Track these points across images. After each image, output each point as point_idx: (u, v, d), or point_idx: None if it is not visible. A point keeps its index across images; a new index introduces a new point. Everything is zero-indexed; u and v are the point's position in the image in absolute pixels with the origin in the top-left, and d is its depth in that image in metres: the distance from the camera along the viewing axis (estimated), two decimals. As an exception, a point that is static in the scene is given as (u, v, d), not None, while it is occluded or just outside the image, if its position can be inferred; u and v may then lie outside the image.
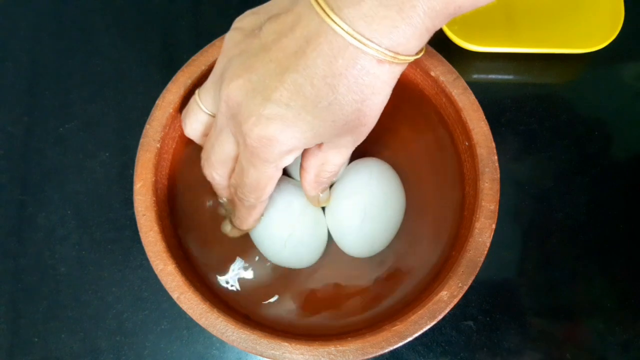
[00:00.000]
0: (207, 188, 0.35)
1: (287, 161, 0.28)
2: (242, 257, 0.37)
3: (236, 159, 0.31)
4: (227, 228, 0.35)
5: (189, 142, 0.39)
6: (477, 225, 0.32)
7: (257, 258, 0.37)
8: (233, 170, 0.31)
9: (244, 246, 0.37)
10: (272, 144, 0.26)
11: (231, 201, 0.34)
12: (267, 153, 0.27)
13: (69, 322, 0.39)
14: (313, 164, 0.31)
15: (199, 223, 0.37)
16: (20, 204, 0.41)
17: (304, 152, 0.31)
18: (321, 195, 0.34)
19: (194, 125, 0.33)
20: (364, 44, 0.24)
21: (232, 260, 0.37)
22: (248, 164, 0.29)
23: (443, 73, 0.35)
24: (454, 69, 0.35)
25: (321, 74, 0.25)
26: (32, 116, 0.44)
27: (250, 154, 0.28)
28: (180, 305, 0.32)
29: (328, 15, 0.24)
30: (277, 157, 0.27)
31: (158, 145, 0.35)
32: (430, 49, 0.35)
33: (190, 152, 0.37)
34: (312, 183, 0.32)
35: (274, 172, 0.29)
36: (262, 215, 0.34)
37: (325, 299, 0.36)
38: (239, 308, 0.36)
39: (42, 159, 0.43)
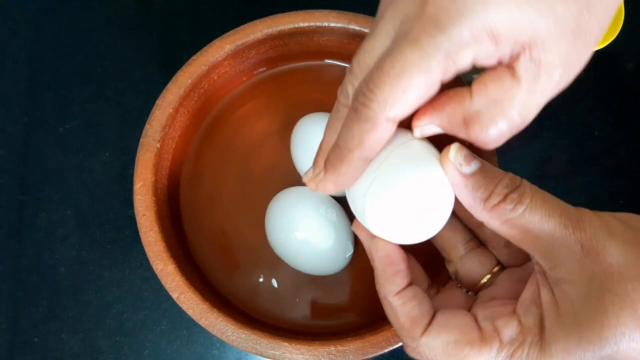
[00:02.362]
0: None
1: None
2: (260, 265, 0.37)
3: None
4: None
5: (189, 141, 0.39)
6: (477, 225, 0.32)
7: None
8: None
9: (255, 242, 0.37)
10: None
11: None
12: None
13: (69, 322, 0.39)
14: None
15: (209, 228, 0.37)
16: (20, 204, 0.41)
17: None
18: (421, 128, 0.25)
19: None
20: None
21: (240, 260, 0.37)
22: None
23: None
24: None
25: None
26: (32, 116, 0.44)
27: None
28: (180, 305, 0.32)
29: None
30: None
31: (158, 145, 0.35)
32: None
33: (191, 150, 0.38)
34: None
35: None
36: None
37: (337, 299, 0.36)
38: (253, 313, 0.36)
39: (42, 159, 0.43)
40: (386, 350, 0.31)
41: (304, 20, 0.37)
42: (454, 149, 0.24)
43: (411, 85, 0.22)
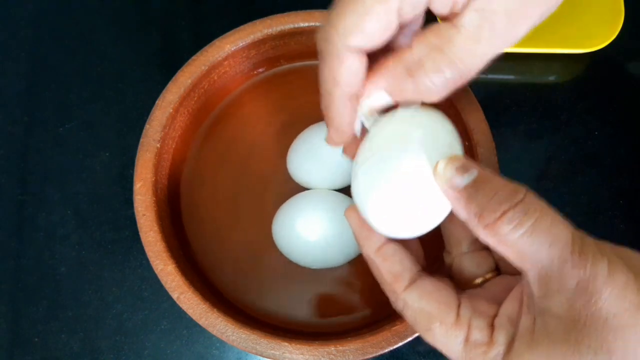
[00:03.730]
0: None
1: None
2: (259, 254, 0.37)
3: None
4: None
5: (189, 141, 0.39)
6: (477, 225, 0.32)
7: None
8: None
9: (255, 242, 0.37)
10: None
11: None
12: None
13: (69, 322, 0.39)
14: None
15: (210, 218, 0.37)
16: (20, 204, 0.41)
17: None
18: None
19: None
20: None
21: (243, 260, 0.37)
22: None
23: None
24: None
25: None
26: (32, 116, 0.44)
27: None
28: (180, 305, 0.32)
29: None
30: None
31: (158, 145, 0.35)
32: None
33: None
34: None
35: None
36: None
37: (337, 299, 0.36)
38: (244, 308, 0.36)
39: (42, 159, 0.43)
40: (386, 350, 0.31)
41: (304, 20, 0.37)
42: (442, 163, 0.22)
43: (368, 12, 0.22)
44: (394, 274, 0.24)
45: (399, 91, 0.24)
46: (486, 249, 0.27)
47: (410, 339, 0.31)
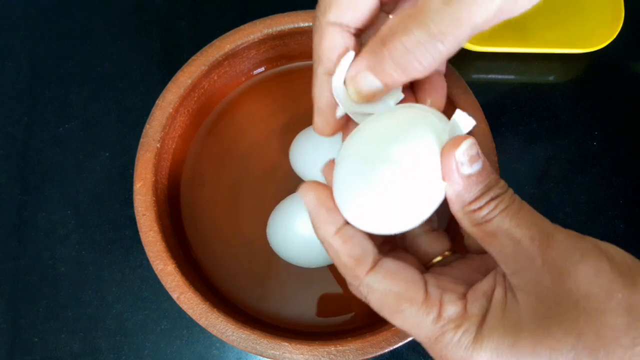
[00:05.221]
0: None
1: None
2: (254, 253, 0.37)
3: None
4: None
5: (189, 141, 0.39)
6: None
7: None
8: None
9: (255, 242, 0.37)
10: None
11: None
12: None
13: (69, 322, 0.39)
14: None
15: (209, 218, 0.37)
16: (20, 204, 0.41)
17: None
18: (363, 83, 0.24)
19: None
20: None
21: (242, 259, 0.37)
22: None
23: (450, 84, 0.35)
24: (454, 69, 0.35)
25: None
26: (32, 116, 0.44)
27: None
28: (180, 305, 0.32)
29: None
30: None
31: (158, 145, 0.35)
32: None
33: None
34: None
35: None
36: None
37: (337, 299, 0.36)
38: (242, 306, 0.36)
39: (42, 159, 0.43)
40: (386, 350, 0.31)
41: (304, 20, 0.37)
42: (466, 144, 0.22)
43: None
44: (356, 258, 0.23)
45: (379, 67, 0.23)
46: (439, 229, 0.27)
47: (410, 339, 0.31)
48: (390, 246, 0.27)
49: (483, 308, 0.22)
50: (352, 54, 0.25)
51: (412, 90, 0.28)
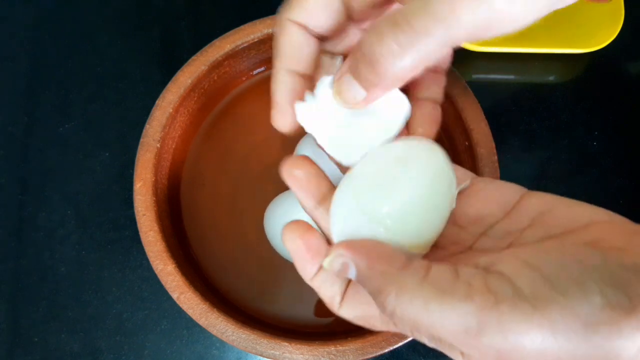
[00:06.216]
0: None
1: None
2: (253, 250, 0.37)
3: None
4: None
5: (189, 141, 0.39)
6: (477, 225, 0.32)
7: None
8: None
9: (255, 242, 0.37)
10: None
11: None
12: None
13: (69, 322, 0.39)
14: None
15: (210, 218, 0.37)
16: (20, 204, 0.41)
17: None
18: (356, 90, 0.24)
19: None
20: None
21: (241, 258, 0.37)
22: None
23: (452, 85, 0.35)
24: (454, 69, 0.35)
25: None
26: (32, 116, 0.44)
27: None
28: (180, 305, 0.32)
29: None
30: None
31: (158, 145, 0.35)
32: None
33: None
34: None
35: None
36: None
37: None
38: (243, 307, 0.36)
39: (42, 159, 0.43)
40: (386, 350, 0.31)
41: (304, 20, 0.37)
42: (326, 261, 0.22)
43: None
44: (329, 298, 0.25)
45: (356, 71, 0.23)
46: None
47: (410, 339, 0.31)
48: None
49: None
50: (351, 82, 0.24)
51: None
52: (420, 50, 0.21)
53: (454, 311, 0.19)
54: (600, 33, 0.43)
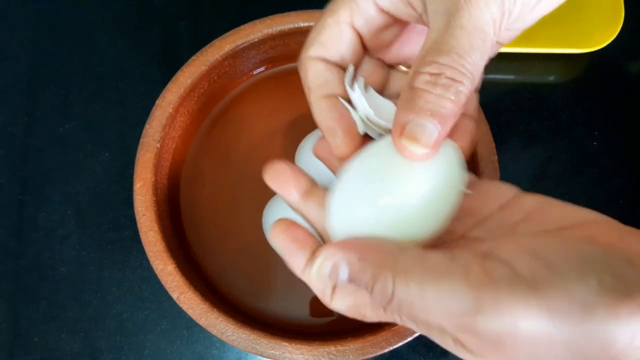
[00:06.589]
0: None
1: None
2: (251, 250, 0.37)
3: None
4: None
5: (189, 141, 0.39)
6: (477, 225, 0.32)
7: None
8: None
9: (255, 242, 0.37)
10: None
11: None
12: None
13: (69, 322, 0.39)
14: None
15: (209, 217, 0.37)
16: (20, 204, 0.41)
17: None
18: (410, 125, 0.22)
19: None
20: None
21: (239, 258, 0.37)
22: None
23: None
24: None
25: None
26: (32, 116, 0.44)
27: None
28: (180, 305, 0.32)
29: None
30: None
31: (158, 145, 0.35)
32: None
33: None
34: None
35: None
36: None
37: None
38: (242, 307, 0.36)
39: (42, 159, 0.43)
40: (386, 350, 0.31)
41: (304, 20, 0.37)
42: (314, 267, 0.23)
43: (323, 27, 0.26)
44: (320, 291, 0.25)
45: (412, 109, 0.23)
46: None
47: (410, 339, 0.31)
48: None
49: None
50: (351, 67, 0.26)
51: None
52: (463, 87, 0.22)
53: (450, 292, 0.19)
54: (600, 33, 0.43)
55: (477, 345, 0.19)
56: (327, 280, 0.23)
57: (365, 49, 0.27)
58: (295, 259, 0.24)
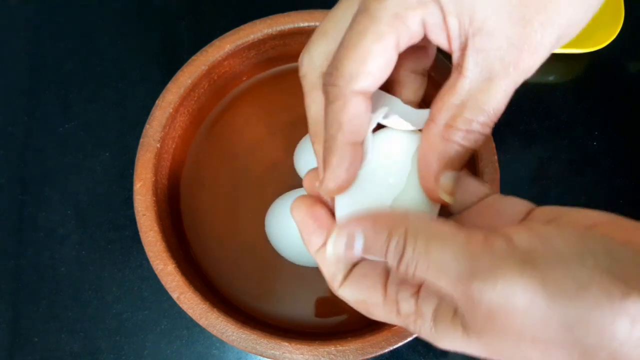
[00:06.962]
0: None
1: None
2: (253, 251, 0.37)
3: None
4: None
5: (189, 141, 0.39)
6: (477, 225, 0.32)
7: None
8: None
9: (255, 242, 0.37)
10: None
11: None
12: None
13: (69, 322, 0.39)
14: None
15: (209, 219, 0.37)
16: (20, 204, 0.41)
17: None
18: (445, 178, 0.24)
19: None
20: None
21: (241, 257, 0.37)
22: None
23: (443, 74, 0.35)
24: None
25: None
26: (32, 116, 0.44)
27: None
28: (180, 305, 0.32)
29: None
30: None
31: (158, 145, 0.35)
32: (430, 49, 0.35)
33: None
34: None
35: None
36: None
37: (337, 299, 0.36)
38: (243, 307, 0.36)
39: (42, 159, 0.43)
40: (386, 350, 0.31)
41: (304, 20, 0.37)
42: (329, 244, 0.23)
43: (369, 54, 0.22)
44: (331, 274, 0.24)
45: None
46: None
47: (410, 339, 0.31)
48: None
49: (434, 304, 0.22)
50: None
51: None
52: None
53: (450, 254, 0.19)
54: (600, 33, 0.43)
55: (472, 316, 0.19)
56: (342, 256, 0.23)
57: None
58: (312, 237, 0.24)
